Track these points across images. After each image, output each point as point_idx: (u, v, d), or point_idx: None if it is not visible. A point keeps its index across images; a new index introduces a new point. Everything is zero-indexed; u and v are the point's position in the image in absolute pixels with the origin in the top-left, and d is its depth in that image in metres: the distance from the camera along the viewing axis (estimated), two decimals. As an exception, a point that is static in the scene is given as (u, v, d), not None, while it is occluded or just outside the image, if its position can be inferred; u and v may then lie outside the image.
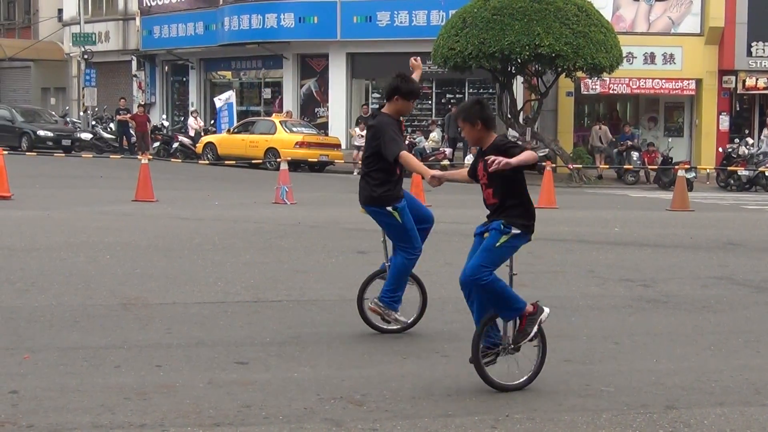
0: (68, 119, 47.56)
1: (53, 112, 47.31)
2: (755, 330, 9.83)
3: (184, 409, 6.54)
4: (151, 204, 20.61)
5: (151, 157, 26.92)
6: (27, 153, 37.16)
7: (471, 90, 41.77)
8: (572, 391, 7.32)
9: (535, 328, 7.44)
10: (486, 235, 7.50)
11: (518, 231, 7.39)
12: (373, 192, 8.86)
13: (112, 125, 44.58)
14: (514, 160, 7.05)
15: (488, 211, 7.61)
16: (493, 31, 31.88)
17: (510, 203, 7.43)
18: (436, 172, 8.13)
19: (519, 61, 32.62)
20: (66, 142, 40.83)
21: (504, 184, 7.41)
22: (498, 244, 7.38)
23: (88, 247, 13.74)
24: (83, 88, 48.98)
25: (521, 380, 7.41)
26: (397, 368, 7.82)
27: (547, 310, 7.57)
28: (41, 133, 40.48)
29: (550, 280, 12.26)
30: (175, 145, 39.79)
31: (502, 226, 7.36)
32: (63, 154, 37.73)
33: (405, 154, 8.68)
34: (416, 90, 8.99)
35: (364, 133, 36.53)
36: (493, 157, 7.10)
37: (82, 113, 47.50)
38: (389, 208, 8.83)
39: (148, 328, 8.92)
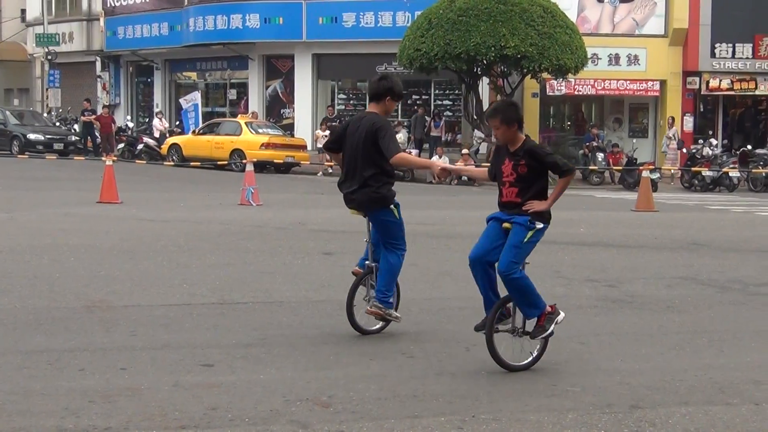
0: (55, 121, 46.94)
1: (52, 115, 46.85)
2: (719, 330, 9.89)
3: (150, 411, 6.51)
4: (115, 206, 20.50)
5: (115, 158, 26.78)
6: (19, 156, 36.99)
7: (437, 91, 41.86)
8: (538, 391, 7.34)
9: (552, 327, 7.93)
10: (507, 225, 7.91)
11: (542, 225, 7.95)
12: (377, 193, 8.82)
13: (76, 127, 44.32)
14: (550, 201, 7.99)
15: (499, 206, 8.11)
16: (459, 32, 31.97)
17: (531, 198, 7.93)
18: (446, 165, 8.87)
19: (484, 62, 32.72)
20: (58, 146, 40.42)
21: (533, 189, 7.96)
22: (526, 240, 7.86)
23: (53, 250, 13.65)
24: (47, 89, 48.78)
25: (524, 362, 7.93)
26: (364, 369, 7.81)
27: (563, 314, 8.14)
28: (32, 136, 40.04)
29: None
30: (140, 146, 39.62)
31: (528, 222, 7.84)
32: (54, 157, 37.34)
33: (403, 154, 9.09)
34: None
35: (327, 134, 36.67)
36: (532, 206, 7.84)
37: (45, 114, 47.16)
38: (392, 206, 8.93)
39: (112, 331, 8.86)
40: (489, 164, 8.57)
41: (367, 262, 9.11)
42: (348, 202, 8.97)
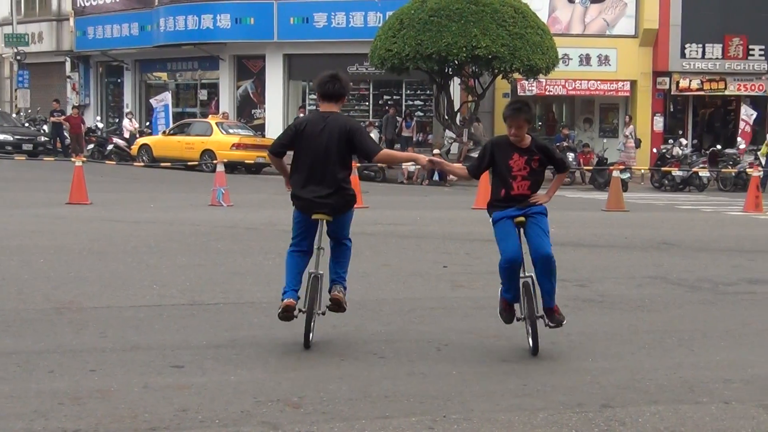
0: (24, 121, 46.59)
1: (21, 115, 46.52)
2: (689, 329, 9.92)
3: (120, 413, 6.48)
4: (85, 207, 20.42)
5: (85, 159, 26.67)
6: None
7: (408, 91, 41.89)
8: (509, 390, 7.35)
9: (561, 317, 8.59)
10: (521, 219, 8.51)
11: None
12: (351, 194, 8.75)
13: (45, 127, 44.07)
14: (552, 194, 8.80)
15: (498, 201, 8.63)
16: (430, 32, 32.02)
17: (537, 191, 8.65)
18: (433, 158, 9.03)
19: (456, 62, 32.78)
20: (27, 147, 40.14)
21: (540, 182, 8.68)
22: (547, 226, 8.64)
23: (21, 251, 13.58)
24: (16, 90, 48.51)
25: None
26: (335, 370, 7.80)
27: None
28: (0, 137, 39.76)
29: (487, 280, 12.29)
30: (110, 147, 39.45)
31: (545, 210, 8.65)
32: (23, 158, 37.11)
33: (387, 150, 9.20)
34: None
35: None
36: (540, 199, 8.63)
37: (14, 115, 46.89)
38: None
39: (82, 333, 8.82)
40: (476, 163, 8.90)
41: (312, 272, 8.54)
42: (317, 207, 8.48)
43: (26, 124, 44.59)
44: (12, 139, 39.96)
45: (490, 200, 8.78)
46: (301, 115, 38.83)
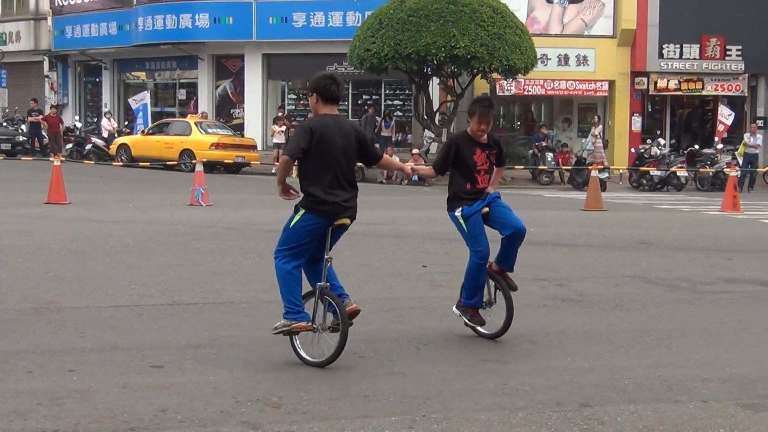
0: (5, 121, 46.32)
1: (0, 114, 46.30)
2: (667, 328, 9.96)
3: (99, 414, 6.46)
4: (63, 206, 20.35)
5: (63, 158, 26.57)
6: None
7: (387, 91, 41.91)
8: (488, 390, 7.36)
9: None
10: (486, 210, 8.98)
11: None
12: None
13: (23, 127, 43.90)
14: (495, 185, 9.38)
15: (465, 194, 9.01)
16: (409, 32, 32.01)
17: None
18: (415, 167, 9.79)
19: (435, 62, 32.79)
20: (6, 146, 39.94)
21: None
22: None
23: (-1, 251, 13.53)
24: (-6, 89, 48.24)
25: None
26: (314, 370, 7.80)
27: None
28: None
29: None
30: (88, 146, 39.30)
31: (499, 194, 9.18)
32: (1, 158, 36.95)
33: (386, 156, 9.28)
34: None
35: (283, 129, 36.60)
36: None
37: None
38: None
39: (60, 333, 8.79)
40: (441, 159, 9.24)
41: (321, 284, 8.11)
42: (344, 211, 8.11)
43: (4, 124, 44.39)
44: None
45: (453, 195, 9.09)
46: (280, 114, 38.88)
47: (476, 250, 8.84)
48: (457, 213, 8.96)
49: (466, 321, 9.09)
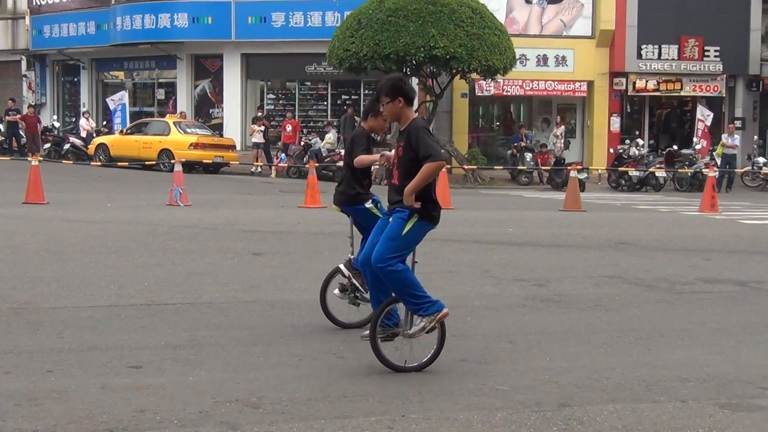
0: None
1: None
2: (646, 328, 9.99)
3: (77, 414, 6.44)
4: (41, 206, 20.27)
5: (41, 158, 26.47)
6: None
7: (366, 91, 41.85)
8: (468, 390, 7.36)
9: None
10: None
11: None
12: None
13: (0, 126, 43.70)
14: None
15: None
16: (388, 32, 32.00)
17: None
18: (384, 152, 8.78)
19: (414, 62, 32.78)
20: None
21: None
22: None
23: (-23, 251, 13.47)
24: (-29, 89, 48.00)
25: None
26: (293, 370, 7.79)
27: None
28: None
29: (445, 280, 12.33)
30: (67, 146, 39.16)
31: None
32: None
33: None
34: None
35: (262, 129, 36.58)
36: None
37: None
38: (368, 205, 9.49)
39: (39, 333, 8.76)
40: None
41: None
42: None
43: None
44: None
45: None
46: (260, 114, 38.83)
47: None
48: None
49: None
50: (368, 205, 9.45)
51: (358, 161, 9.36)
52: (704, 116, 38.26)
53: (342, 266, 9.45)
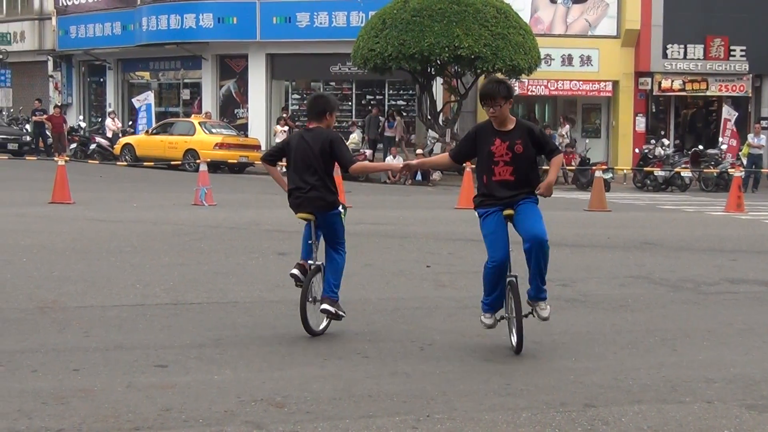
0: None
1: (3, 115, 46.24)
2: (672, 328, 9.96)
3: (103, 413, 6.46)
4: (68, 206, 20.37)
5: (67, 158, 26.59)
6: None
7: (391, 91, 41.89)
8: (492, 390, 7.36)
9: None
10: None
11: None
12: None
13: (27, 126, 43.94)
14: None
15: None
16: (413, 32, 32.02)
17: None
18: (409, 162, 9.13)
19: (438, 62, 32.80)
20: (12, 146, 39.98)
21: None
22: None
23: (4, 250, 13.53)
24: (-2, 89, 48.28)
25: None
26: (318, 369, 7.80)
27: None
28: None
29: (471, 280, 12.31)
30: (93, 146, 39.35)
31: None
32: (6, 157, 37.04)
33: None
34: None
35: (286, 129, 36.65)
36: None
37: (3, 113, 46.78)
38: (340, 209, 9.17)
39: (65, 332, 8.80)
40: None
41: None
42: None
43: (12, 125, 44.43)
44: None
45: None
46: (284, 114, 38.92)
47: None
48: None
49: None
50: (341, 209, 9.17)
51: (372, 168, 9.64)
52: (730, 116, 38.10)
53: (297, 271, 9.22)
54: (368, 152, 36.94)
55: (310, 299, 8.99)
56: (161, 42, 44.01)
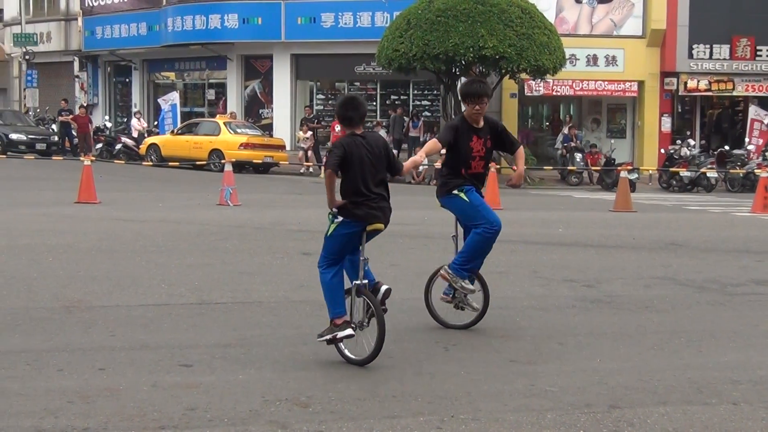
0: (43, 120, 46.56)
1: (30, 115, 46.46)
2: (697, 329, 9.92)
3: (128, 412, 6.49)
4: (93, 206, 20.46)
5: (93, 158, 26.71)
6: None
7: (415, 91, 41.89)
8: (517, 391, 7.35)
9: None
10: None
11: None
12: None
13: (54, 126, 44.15)
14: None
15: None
16: (437, 32, 32.00)
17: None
18: (413, 159, 9.50)
19: (463, 62, 32.74)
20: (41, 146, 40.23)
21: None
22: None
23: (30, 250, 13.60)
24: (24, 89, 48.56)
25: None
26: (343, 369, 7.81)
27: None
28: (14, 136, 39.82)
29: (494, 280, 12.29)
30: (118, 146, 39.53)
31: None
32: (33, 157, 37.28)
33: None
34: None
35: (309, 135, 36.72)
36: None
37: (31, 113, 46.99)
38: (455, 191, 9.44)
39: (91, 331, 8.84)
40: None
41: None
42: None
43: (39, 125, 44.65)
44: (26, 138, 40.02)
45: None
46: (308, 114, 38.95)
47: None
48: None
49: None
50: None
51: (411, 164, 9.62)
52: (759, 116, 37.94)
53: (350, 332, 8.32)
54: (393, 152, 36.87)
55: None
56: (186, 42, 44.15)
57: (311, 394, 7.05)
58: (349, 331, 7.96)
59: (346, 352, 8.08)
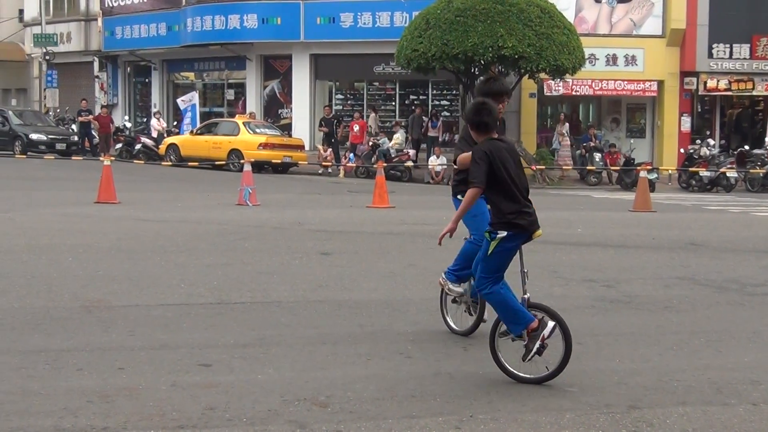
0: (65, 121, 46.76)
1: (50, 115, 46.67)
2: (717, 330, 9.89)
3: (147, 411, 6.51)
4: (113, 206, 20.52)
5: (113, 158, 26.79)
6: (18, 156, 37.10)
7: (434, 91, 41.86)
8: (536, 391, 7.34)
9: None
10: None
11: None
12: None
13: (74, 127, 44.31)
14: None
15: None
16: (456, 32, 32.00)
17: None
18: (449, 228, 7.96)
19: (482, 62, 32.72)
20: (60, 146, 40.41)
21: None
22: None
23: (50, 250, 13.65)
24: (45, 90, 48.77)
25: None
26: (362, 369, 7.81)
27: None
28: (34, 136, 40.03)
29: (513, 280, 12.26)
30: (138, 146, 39.65)
31: None
32: (53, 157, 37.46)
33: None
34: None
35: (329, 152, 36.80)
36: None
37: (51, 114, 47.18)
38: (460, 197, 8.88)
39: (110, 331, 8.86)
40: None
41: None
42: None
43: (60, 125, 44.85)
44: (46, 138, 40.20)
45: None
46: (326, 114, 38.99)
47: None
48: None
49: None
50: None
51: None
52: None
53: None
54: (412, 152, 36.96)
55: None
56: (206, 43, 44.24)
57: (330, 393, 7.05)
58: (552, 324, 7.55)
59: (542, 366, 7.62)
